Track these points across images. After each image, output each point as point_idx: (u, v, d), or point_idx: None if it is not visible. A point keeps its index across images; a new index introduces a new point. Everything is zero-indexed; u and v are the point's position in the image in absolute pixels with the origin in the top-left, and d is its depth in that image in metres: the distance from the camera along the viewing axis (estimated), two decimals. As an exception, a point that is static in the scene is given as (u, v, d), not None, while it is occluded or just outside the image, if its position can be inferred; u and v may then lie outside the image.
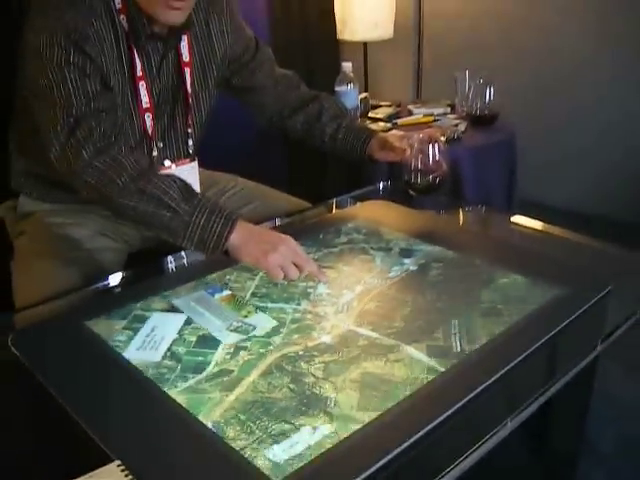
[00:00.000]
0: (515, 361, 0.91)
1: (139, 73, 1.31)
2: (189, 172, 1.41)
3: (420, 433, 0.78)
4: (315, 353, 0.95)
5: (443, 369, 0.90)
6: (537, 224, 1.43)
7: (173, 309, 1.08)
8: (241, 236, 1.09)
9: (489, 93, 2.12)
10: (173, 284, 1.16)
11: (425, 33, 2.94)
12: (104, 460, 0.75)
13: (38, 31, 1.18)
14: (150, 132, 1.36)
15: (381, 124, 2.28)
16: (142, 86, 1.32)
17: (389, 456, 0.75)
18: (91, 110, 1.17)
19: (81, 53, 1.18)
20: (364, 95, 2.44)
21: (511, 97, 2.26)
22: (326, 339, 0.98)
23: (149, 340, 1.00)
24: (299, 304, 1.09)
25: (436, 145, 1.40)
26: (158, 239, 1.51)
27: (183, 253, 1.31)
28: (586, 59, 2.53)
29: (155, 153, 1.39)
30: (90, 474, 0.73)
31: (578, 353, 0.98)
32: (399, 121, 2.31)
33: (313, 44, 2.82)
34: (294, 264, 1.07)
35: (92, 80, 1.20)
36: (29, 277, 1.31)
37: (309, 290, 1.13)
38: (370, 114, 2.39)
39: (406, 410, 0.82)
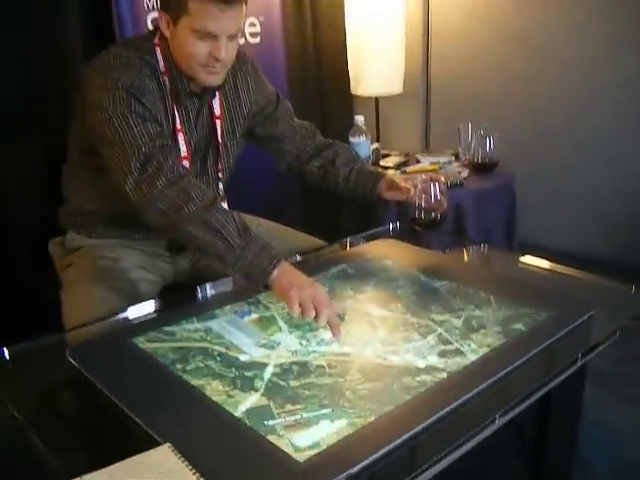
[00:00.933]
0: (509, 368, 1.05)
1: (178, 126, 1.50)
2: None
3: (422, 425, 0.92)
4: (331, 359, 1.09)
5: (445, 374, 1.04)
6: (534, 260, 1.57)
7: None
8: (280, 273, 1.21)
9: (489, 143, 2.29)
10: (207, 309, 1.32)
11: (432, 89, 3.11)
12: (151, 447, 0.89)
13: (100, 89, 1.37)
14: None
15: (391, 171, 2.44)
16: (180, 137, 1.51)
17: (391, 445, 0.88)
18: (156, 147, 1.34)
19: (140, 103, 1.37)
20: (376, 145, 2.60)
21: (511, 145, 2.43)
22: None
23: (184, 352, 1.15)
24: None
25: (437, 185, 1.56)
26: (189, 274, 1.68)
27: (210, 285, 1.45)
28: (582, 109, 2.69)
29: None
30: (144, 453, 0.88)
31: (563, 364, 1.12)
32: (407, 169, 2.47)
33: (329, 99, 2.97)
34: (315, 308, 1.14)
35: (152, 123, 1.38)
36: (76, 303, 1.47)
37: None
38: (381, 162, 2.56)
39: (410, 407, 0.96)
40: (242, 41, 2.54)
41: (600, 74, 2.62)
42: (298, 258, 1.61)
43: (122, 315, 1.34)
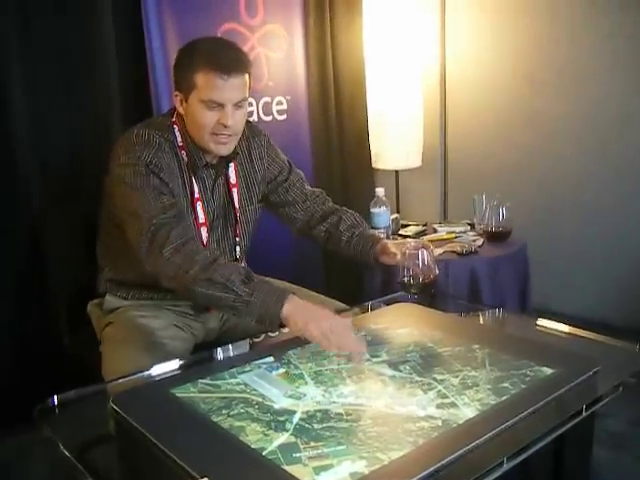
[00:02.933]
0: (517, 417, 1.14)
1: (196, 195, 1.64)
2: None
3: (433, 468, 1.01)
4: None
5: (459, 422, 1.14)
6: (544, 322, 1.67)
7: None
8: (291, 310, 1.34)
9: (502, 212, 2.41)
10: (238, 364, 1.41)
11: (449, 162, 3.28)
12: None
13: (124, 166, 1.53)
14: (205, 242, 1.67)
15: (411, 240, 2.54)
16: (199, 206, 1.65)
17: None
18: (167, 218, 1.47)
19: (157, 178, 1.52)
20: (395, 216, 2.71)
21: (523, 215, 2.55)
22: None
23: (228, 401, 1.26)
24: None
25: (424, 252, 1.60)
26: (219, 332, 1.79)
27: (240, 343, 1.56)
28: (591, 183, 2.83)
29: None
30: (183, 487, 0.97)
31: (571, 415, 1.20)
32: (425, 238, 2.55)
33: (351, 172, 3.12)
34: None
35: (166, 196, 1.51)
36: (115, 357, 1.58)
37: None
38: (400, 232, 2.66)
39: (423, 451, 1.06)
40: (269, 118, 2.73)
41: (607, 153, 2.76)
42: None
43: (158, 368, 1.44)
